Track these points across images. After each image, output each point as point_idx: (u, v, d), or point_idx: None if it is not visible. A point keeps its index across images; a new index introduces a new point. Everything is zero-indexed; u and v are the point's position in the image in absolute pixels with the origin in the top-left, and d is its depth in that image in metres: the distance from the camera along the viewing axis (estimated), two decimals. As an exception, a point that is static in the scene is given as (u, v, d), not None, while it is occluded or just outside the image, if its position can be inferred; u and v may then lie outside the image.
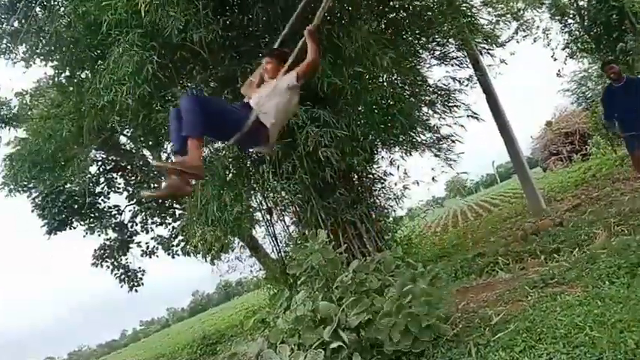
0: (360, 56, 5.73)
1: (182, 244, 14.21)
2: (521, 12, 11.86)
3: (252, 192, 8.02)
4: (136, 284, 15.14)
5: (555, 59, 13.94)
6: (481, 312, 3.80)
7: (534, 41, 13.29)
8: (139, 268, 15.21)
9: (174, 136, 3.17)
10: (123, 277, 14.87)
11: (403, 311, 3.23)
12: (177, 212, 14.31)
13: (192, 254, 13.01)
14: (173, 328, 49.47)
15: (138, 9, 5.28)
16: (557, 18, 12.99)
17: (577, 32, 12.94)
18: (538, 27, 13.16)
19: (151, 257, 15.18)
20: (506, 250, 5.64)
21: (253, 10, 6.55)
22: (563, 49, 13.31)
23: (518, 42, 12.77)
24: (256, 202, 8.40)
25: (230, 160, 7.64)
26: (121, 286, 15.02)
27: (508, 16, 11.31)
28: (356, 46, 5.78)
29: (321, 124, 5.78)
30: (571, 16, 12.97)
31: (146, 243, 15.18)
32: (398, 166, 8.06)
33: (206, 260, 11.58)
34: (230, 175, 7.70)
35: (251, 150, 4.55)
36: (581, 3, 12.99)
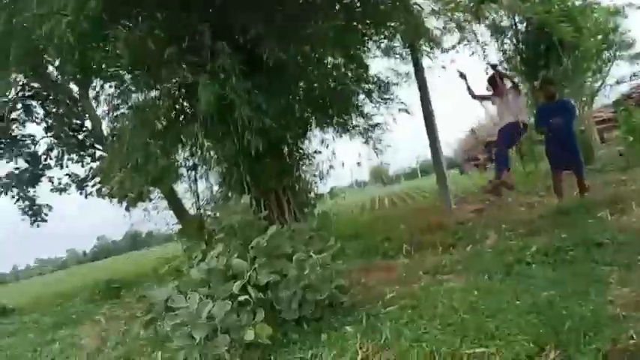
0: (310, 36, 5.88)
1: (98, 185, 13.70)
2: (465, 23, 12.42)
3: (179, 145, 7.99)
4: (39, 219, 14.47)
5: (487, 73, 14.77)
6: (378, 288, 4.25)
7: (472, 54, 13.96)
8: (47, 204, 14.54)
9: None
10: (27, 210, 14.13)
11: (301, 282, 3.57)
12: (98, 153, 13.74)
13: (107, 197, 12.63)
14: (73, 269, 47.21)
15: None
16: (495, 36, 13.80)
17: (511, 53, 13.82)
18: (478, 41, 13.83)
19: (61, 194, 14.54)
20: (411, 239, 6.16)
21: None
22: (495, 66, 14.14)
23: (457, 52, 13.34)
24: (183, 156, 8.38)
25: (163, 111, 7.54)
26: (23, 219, 14.31)
27: (453, 24, 11.84)
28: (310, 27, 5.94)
29: (261, 92, 5.91)
30: (508, 37, 13.83)
31: (59, 179, 14.52)
32: (327, 145, 8.38)
33: (121, 206, 11.33)
34: (160, 126, 7.60)
35: None
36: (519, 26, 13.87)
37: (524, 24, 13.30)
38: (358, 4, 7.56)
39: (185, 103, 7.86)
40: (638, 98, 14.44)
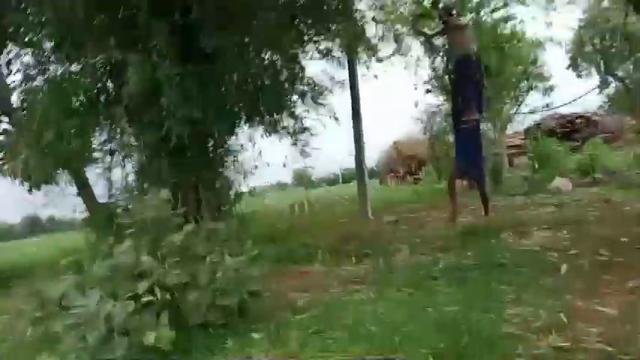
0: (250, 29, 5.76)
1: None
2: (402, 36, 12.70)
3: (97, 128, 7.51)
4: None
5: (416, 89, 15.26)
6: (289, 295, 4.24)
7: (405, 67, 14.35)
8: None
9: None
10: None
11: (212, 285, 3.47)
12: (3, 126, 12.51)
13: (7, 176, 11.55)
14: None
15: None
16: (428, 54, 14.27)
17: (440, 72, 14.35)
18: (412, 56, 14.23)
19: (-46, 168, 13.04)
20: (326, 246, 6.21)
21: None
22: (425, 82, 14.65)
23: (392, 64, 13.65)
24: (99, 140, 7.87)
25: (83, 88, 7.04)
26: None
27: (391, 35, 12.15)
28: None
29: (193, 79, 5.71)
30: (440, 55, 14.36)
31: (-48, 151, 12.99)
32: (254, 144, 8.25)
33: (23, 186, 10.41)
34: (79, 104, 7.09)
35: None
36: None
37: (456, 46, 13.90)
38: (302, 2, 7.53)
39: (109, 83, 7.40)
40: (546, 127, 15.61)
